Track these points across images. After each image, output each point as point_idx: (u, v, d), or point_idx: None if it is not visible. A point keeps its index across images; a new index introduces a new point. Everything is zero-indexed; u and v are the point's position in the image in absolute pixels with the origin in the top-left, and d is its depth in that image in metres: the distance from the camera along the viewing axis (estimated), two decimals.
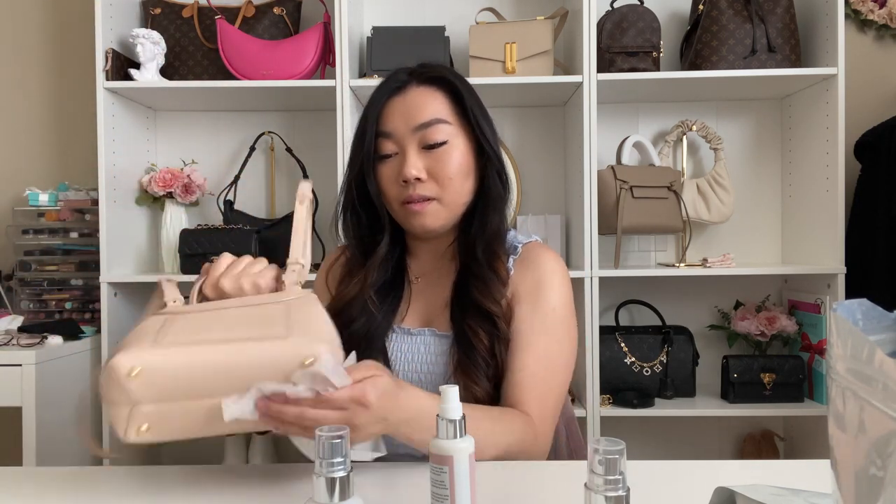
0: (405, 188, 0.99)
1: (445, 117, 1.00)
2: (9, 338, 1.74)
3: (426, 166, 0.98)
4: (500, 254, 1.02)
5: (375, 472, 0.86)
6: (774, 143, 2.15)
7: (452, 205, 1.01)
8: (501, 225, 1.05)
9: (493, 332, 0.97)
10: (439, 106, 1.01)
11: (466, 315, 0.98)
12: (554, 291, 1.01)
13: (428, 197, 0.99)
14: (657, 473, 0.86)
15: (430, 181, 0.99)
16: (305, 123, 2.17)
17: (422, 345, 1.02)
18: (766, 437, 2.10)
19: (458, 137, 1.01)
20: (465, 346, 0.96)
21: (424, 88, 1.02)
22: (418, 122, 0.99)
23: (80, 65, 2.19)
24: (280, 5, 2.06)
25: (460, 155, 1.00)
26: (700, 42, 1.92)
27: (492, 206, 1.02)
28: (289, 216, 2.06)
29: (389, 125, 1.00)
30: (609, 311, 2.08)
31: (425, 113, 0.99)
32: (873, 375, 0.38)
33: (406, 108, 1.00)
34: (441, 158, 0.99)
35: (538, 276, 1.01)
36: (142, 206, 2.08)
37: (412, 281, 1.09)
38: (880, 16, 2.12)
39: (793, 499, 0.58)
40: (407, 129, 0.99)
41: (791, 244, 2.10)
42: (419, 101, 1.00)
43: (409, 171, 0.97)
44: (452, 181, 0.99)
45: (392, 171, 1.00)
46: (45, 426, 1.66)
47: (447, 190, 0.99)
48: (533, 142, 2.16)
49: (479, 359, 0.95)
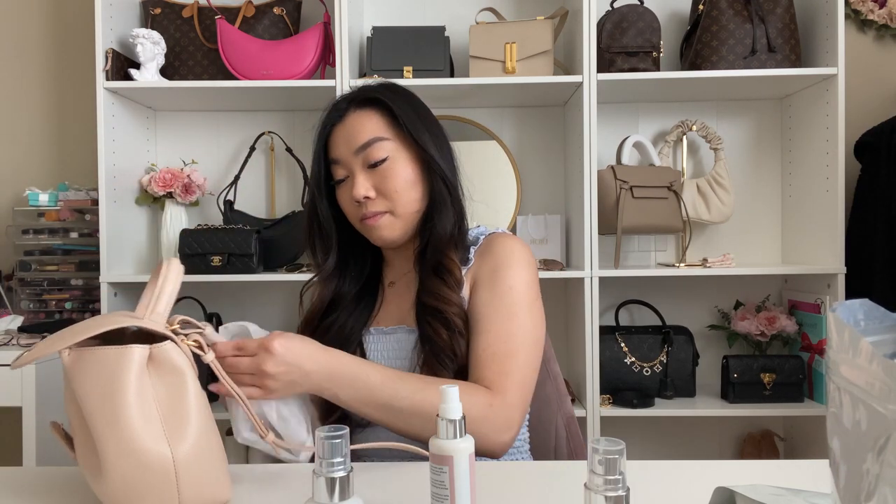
0: (360, 207, 1.06)
1: (382, 134, 1.06)
2: (9, 338, 1.74)
3: (373, 184, 1.05)
4: (448, 252, 1.05)
5: (375, 472, 0.87)
6: (774, 143, 2.15)
7: (405, 214, 1.06)
8: (455, 225, 1.08)
9: (449, 327, 1.00)
10: (375, 125, 1.06)
11: (426, 314, 1.02)
12: (511, 271, 1.03)
13: (380, 211, 1.05)
14: (657, 473, 0.86)
15: (379, 197, 1.05)
16: (305, 123, 2.17)
17: (395, 342, 1.08)
18: (766, 437, 2.10)
19: (400, 151, 1.06)
20: (428, 343, 1.01)
21: (360, 111, 1.08)
22: (358, 145, 1.05)
23: (80, 65, 2.19)
24: (280, 5, 2.06)
25: (403, 168, 1.06)
26: (700, 42, 1.92)
27: (437, 210, 1.07)
28: (289, 216, 2.06)
29: (335, 152, 1.08)
30: (609, 311, 2.08)
31: (363, 135, 1.05)
32: (870, 375, 0.38)
33: (346, 133, 1.07)
34: (385, 174, 1.05)
35: (495, 260, 1.05)
36: (142, 206, 2.08)
37: (386, 286, 1.16)
38: (880, 16, 2.12)
39: (793, 499, 0.58)
40: (350, 152, 1.06)
41: (791, 244, 2.10)
42: (356, 124, 1.07)
43: (358, 191, 1.04)
44: (399, 193, 1.05)
45: (347, 193, 1.07)
46: (45, 426, 1.66)
47: (396, 202, 1.05)
48: (533, 142, 2.17)
49: (443, 354, 0.99)
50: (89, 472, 0.74)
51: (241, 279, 1.88)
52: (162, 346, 0.72)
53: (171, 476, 0.69)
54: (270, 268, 2.00)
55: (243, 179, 2.12)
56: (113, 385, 0.69)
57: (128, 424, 0.69)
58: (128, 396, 0.69)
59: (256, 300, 2.17)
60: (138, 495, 0.70)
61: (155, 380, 0.71)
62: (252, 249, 1.89)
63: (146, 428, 0.69)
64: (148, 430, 0.69)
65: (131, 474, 0.69)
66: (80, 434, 0.74)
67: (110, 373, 0.70)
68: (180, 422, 0.71)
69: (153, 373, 0.72)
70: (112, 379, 0.69)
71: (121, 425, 0.69)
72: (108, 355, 0.70)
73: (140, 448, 0.69)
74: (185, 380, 0.73)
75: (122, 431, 0.69)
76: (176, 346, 0.73)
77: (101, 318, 0.75)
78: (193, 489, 0.71)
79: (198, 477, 0.71)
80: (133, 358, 0.70)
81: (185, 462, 0.70)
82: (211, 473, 0.73)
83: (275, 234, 2.01)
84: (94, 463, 0.71)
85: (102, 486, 0.71)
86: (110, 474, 0.69)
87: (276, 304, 2.18)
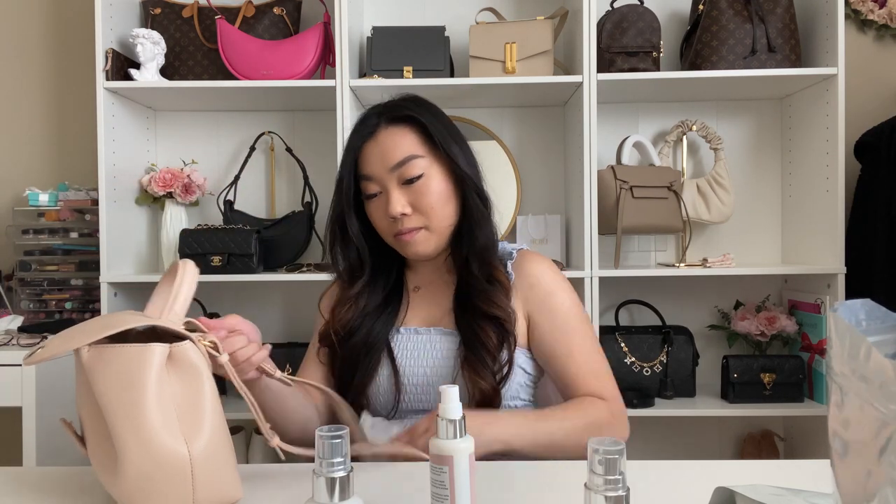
0: (395, 223, 1.07)
1: (417, 152, 1.07)
2: (9, 338, 1.74)
3: (409, 200, 1.07)
4: (495, 264, 1.11)
5: (375, 472, 0.87)
6: (774, 143, 2.15)
7: (439, 229, 1.09)
8: (490, 237, 1.12)
9: (501, 331, 1.05)
10: (410, 143, 1.07)
11: (472, 319, 1.06)
12: (562, 294, 1.11)
13: (416, 227, 1.07)
14: (657, 473, 0.86)
15: (414, 213, 1.07)
16: (305, 123, 2.17)
17: (427, 342, 1.09)
18: (766, 437, 2.10)
19: (433, 167, 1.08)
20: (473, 345, 1.04)
21: (393, 128, 1.09)
22: (393, 163, 1.06)
23: (80, 65, 2.19)
24: (280, 5, 2.06)
25: (437, 183, 1.08)
26: (700, 42, 1.92)
27: (476, 224, 1.10)
28: (289, 216, 2.06)
29: (368, 168, 1.08)
30: (609, 311, 2.08)
31: (398, 153, 1.06)
32: (870, 375, 0.38)
33: (380, 151, 1.07)
34: (420, 191, 1.07)
35: (543, 288, 1.10)
36: (142, 206, 2.08)
37: (411, 290, 1.17)
38: (880, 16, 2.12)
39: (793, 499, 0.58)
40: (384, 169, 1.07)
41: (791, 244, 2.10)
42: (390, 142, 1.07)
43: (395, 208, 1.05)
44: (434, 209, 1.07)
45: (380, 209, 1.09)
46: (45, 426, 1.66)
47: (432, 218, 1.07)
48: (533, 142, 2.16)
49: (486, 356, 1.03)
50: (103, 468, 0.74)
51: (241, 279, 1.88)
52: (181, 346, 0.73)
53: (188, 474, 0.70)
54: (270, 268, 2.00)
55: (243, 179, 2.12)
56: (133, 382, 0.70)
57: (147, 421, 0.69)
58: (148, 394, 0.70)
59: (256, 300, 2.16)
60: (154, 492, 0.70)
61: (173, 378, 0.72)
62: (252, 249, 1.89)
63: (164, 425, 0.70)
64: (166, 427, 0.70)
65: (148, 471, 0.69)
66: (95, 431, 0.75)
67: (131, 370, 0.70)
68: (196, 420, 0.72)
69: (171, 371, 0.73)
70: (133, 376, 0.70)
71: (140, 422, 0.69)
72: (130, 353, 0.71)
73: (158, 445, 0.69)
74: (202, 379, 0.74)
75: (141, 428, 0.69)
76: (194, 346, 0.75)
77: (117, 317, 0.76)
78: (207, 487, 0.72)
79: (212, 475, 0.72)
80: (154, 356, 0.71)
81: (201, 460, 0.71)
82: (224, 472, 0.74)
83: (275, 234, 2.01)
84: (109, 459, 0.72)
85: (118, 483, 0.71)
86: (127, 470, 0.69)
87: (276, 304, 2.18)
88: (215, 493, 0.73)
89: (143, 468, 0.69)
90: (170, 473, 0.70)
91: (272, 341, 2.04)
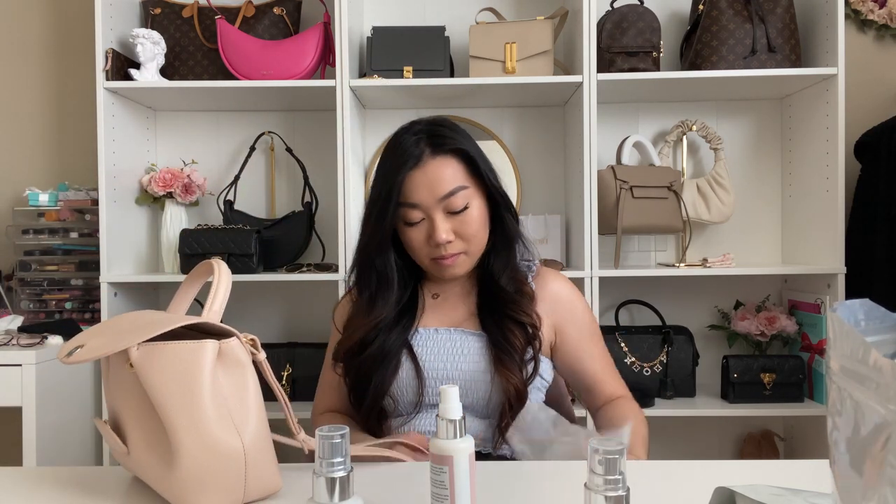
0: (436, 248, 1.11)
1: (463, 183, 1.11)
2: (9, 338, 1.74)
3: (453, 228, 1.11)
4: (521, 277, 1.17)
5: (375, 472, 0.87)
6: (774, 143, 2.15)
7: (476, 253, 1.15)
8: (516, 252, 1.18)
9: (527, 335, 1.12)
10: (456, 174, 1.11)
11: (501, 322, 1.12)
12: (582, 305, 1.23)
13: (457, 253, 1.12)
14: (657, 473, 0.86)
15: (457, 240, 1.11)
16: (305, 123, 2.17)
17: (449, 341, 1.13)
18: (766, 437, 2.10)
19: (475, 197, 1.12)
20: (503, 346, 1.10)
21: (441, 159, 1.11)
22: (442, 194, 1.09)
23: (80, 65, 2.19)
24: (280, 5, 2.06)
25: (479, 212, 1.13)
26: (700, 42, 1.92)
27: (508, 242, 1.17)
28: (289, 216, 2.06)
29: (415, 197, 1.10)
30: (609, 311, 2.08)
31: (446, 184, 1.10)
32: (869, 375, 0.38)
33: (428, 182, 1.10)
34: (465, 220, 1.11)
35: (566, 305, 1.20)
36: (142, 206, 2.08)
37: (429, 297, 1.20)
38: (880, 16, 2.12)
39: (793, 499, 0.58)
40: (433, 199, 1.10)
41: (791, 244, 2.10)
42: (439, 173, 1.10)
43: (440, 236, 1.09)
44: (477, 237, 1.13)
45: (421, 235, 1.12)
46: (45, 426, 1.66)
47: (472, 244, 1.13)
48: (533, 142, 2.16)
49: (516, 356, 1.09)
50: (149, 465, 0.76)
51: (241, 279, 1.88)
52: (229, 342, 0.76)
53: (241, 466, 0.73)
54: (270, 268, 2.00)
55: (243, 179, 2.12)
56: (189, 378, 0.72)
57: (204, 416, 0.72)
58: (203, 389, 0.72)
59: (256, 300, 2.17)
60: (210, 485, 0.72)
61: (221, 373, 0.75)
62: (252, 249, 1.89)
63: (219, 419, 0.72)
64: (221, 421, 0.72)
65: (206, 465, 0.72)
66: (142, 427, 0.77)
67: (186, 366, 0.73)
68: (245, 414, 0.75)
69: (220, 367, 0.75)
70: (188, 372, 0.72)
71: (197, 417, 0.71)
72: (183, 350, 0.73)
73: (216, 439, 0.72)
74: (247, 374, 0.76)
75: (199, 422, 0.71)
76: (239, 342, 0.77)
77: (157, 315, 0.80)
78: (256, 478, 0.75)
79: (259, 466, 0.75)
80: (207, 352, 0.73)
81: (251, 452, 0.74)
82: (268, 463, 0.77)
83: (275, 234, 2.01)
84: (159, 455, 0.74)
85: (172, 477, 0.73)
86: (184, 465, 0.71)
87: (276, 304, 2.18)
88: (262, 483, 0.76)
89: (201, 461, 0.71)
90: (226, 465, 0.72)
91: (272, 341, 2.06)
